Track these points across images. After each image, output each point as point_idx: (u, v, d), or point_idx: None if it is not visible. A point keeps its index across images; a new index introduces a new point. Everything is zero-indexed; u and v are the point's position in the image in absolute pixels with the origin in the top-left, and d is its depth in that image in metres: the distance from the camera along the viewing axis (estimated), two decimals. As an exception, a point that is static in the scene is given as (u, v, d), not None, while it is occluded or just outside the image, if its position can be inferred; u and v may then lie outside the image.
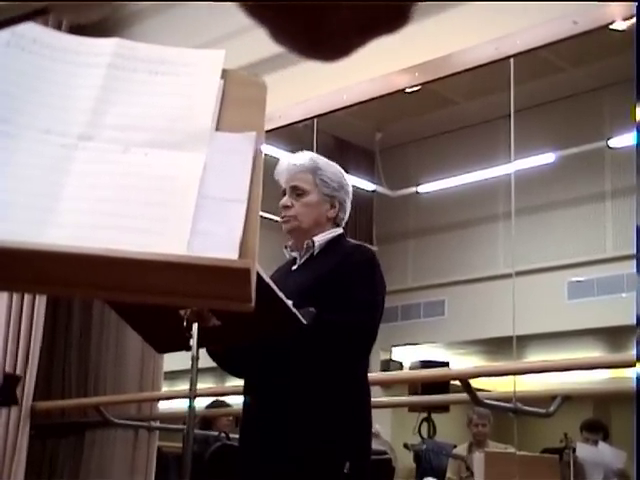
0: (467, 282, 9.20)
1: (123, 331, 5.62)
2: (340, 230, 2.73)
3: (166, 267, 0.81)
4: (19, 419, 5.26)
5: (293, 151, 2.88)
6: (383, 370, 8.97)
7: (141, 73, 1.01)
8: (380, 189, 9.41)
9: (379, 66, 4.48)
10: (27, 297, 5.29)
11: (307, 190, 2.68)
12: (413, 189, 9.48)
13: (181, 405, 5.25)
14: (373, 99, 4.58)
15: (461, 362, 9.55)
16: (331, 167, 2.76)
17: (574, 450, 5.92)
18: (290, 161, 2.74)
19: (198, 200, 0.88)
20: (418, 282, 9.60)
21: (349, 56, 0.60)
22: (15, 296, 5.28)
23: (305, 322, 2.28)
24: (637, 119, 2.52)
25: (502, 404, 3.92)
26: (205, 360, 2.48)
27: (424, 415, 7.94)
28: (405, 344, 9.40)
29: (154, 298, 0.85)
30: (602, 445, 6.39)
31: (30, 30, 1.00)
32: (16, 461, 5.21)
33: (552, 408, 3.87)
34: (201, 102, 0.99)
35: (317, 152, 2.89)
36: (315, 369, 2.47)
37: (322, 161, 2.75)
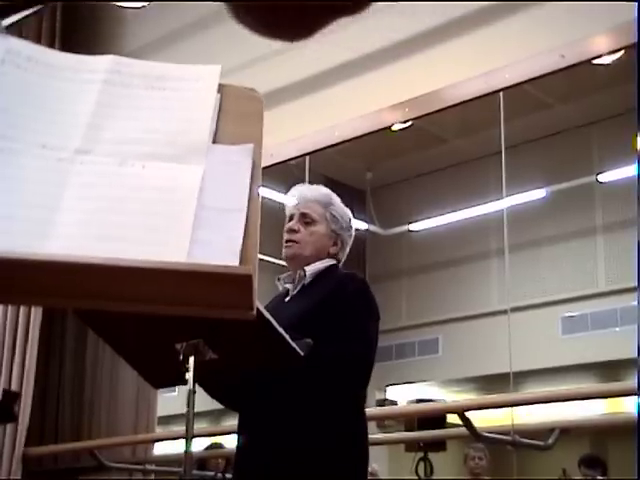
0: (461, 319, 9.19)
1: (116, 373, 5.58)
2: (333, 261, 2.70)
3: (166, 275, 0.81)
4: (10, 467, 5.18)
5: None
6: (378, 419, 8.91)
7: (137, 89, 1.01)
8: (372, 228, 9.43)
9: (369, 103, 4.51)
10: (19, 338, 5.25)
11: (316, 220, 2.65)
12: (405, 227, 9.50)
13: (175, 450, 5.20)
14: (364, 135, 4.60)
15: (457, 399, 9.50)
16: (342, 207, 2.74)
17: (573, 486, 5.88)
18: (305, 189, 2.74)
19: (197, 210, 0.87)
20: (412, 320, 9.59)
21: (311, 37, 0.60)
22: (8, 337, 5.24)
23: (302, 354, 2.26)
24: (638, 149, 2.52)
25: (500, 437, 3.89)
26: (200, 403, 2.45)
27: (421, 455, 7.88)
28: (400, 383, 9.36)
29: (155, 308, 0.84)
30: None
31: (25, 48, 1.00)
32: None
33: (550, 441, 3.84)
34: (198, 116, 0.99)
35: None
36: (312, 402, 2.44)
37: (335, 199, 2.73)
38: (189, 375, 2.27)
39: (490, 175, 8.05)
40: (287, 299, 2.67)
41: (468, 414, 3.69)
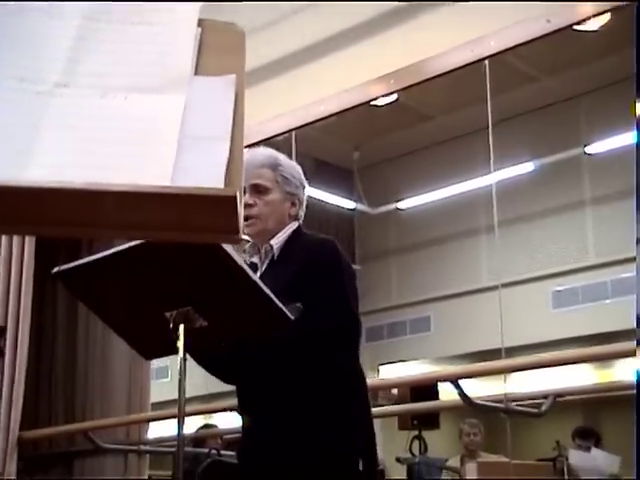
0: (452, 297, 9.18)
1: (109, 353, 5.57)
2: (295, 224, 2.63)
3: (149, 198, 0.79)
4: (6, 451, 5.16)
5: None
6: (372, 391, 8.90)
7: (117, 24, 1.00)
8: (360, 207, 9.41)
9: (354, 76, 4.49)
10: (10, 320, 5.23)
11: (269, 188, 2.58)
12: (393, 205, 9.48)
13: (169, 433, 5.19)
14: (351, 109, 4.58)
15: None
16: (291, 164, 2.68)
17: (567, 458, 5.90)
18: (249, 158, 2.60)
19: (180, 140, 0.86)
20: (403, 299, 9.58)
21: None
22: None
23: (292, 317, 2.25)
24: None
25: (493, 404, 3.89)
26: (192, 388, 2.43)
27: (415, 433, 7.90)
28: (393, 362, 9.35)
29: (139, 233, 0.82)
30: (595, 451, 6.37)
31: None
32: (4, 495, 5.12)
33: (544, 408, 3.84)
34: (179, 48, 0.97)
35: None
36: (310, 369, 2.43)
37: (281, 156, 2.67)
38: (180, 343, 2.26)
39: (477, 151, 8.02)
40: (258, 274, 2.56)
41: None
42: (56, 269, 2.30)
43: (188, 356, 2.34)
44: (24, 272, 5.31)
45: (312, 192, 2.81)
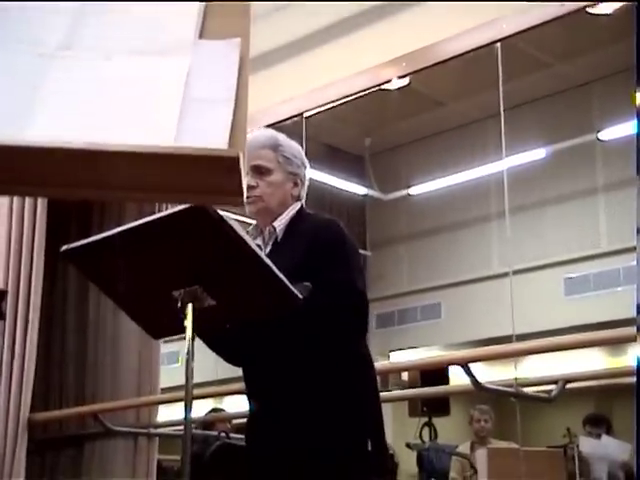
0: (462, 283, 9.16)
1: (119, 336, 5.58)
2: (298, 204, 2.62)
3: (152, 159, 0.78)
4: (16, 432, 5.19)
5: None
6: (382, 379, 8.91)
7: (120, -11, 0.98)
8: (372, 193, 9.40)
9: (366, 59, 4.47)
10: (21, 303, 5.25)
11: (271, 169, 2.57)
12: (405, 192, 9.46)
13: (179, 417, 5.19)
14: (362, 92, 4.56)
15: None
16: (291, 143, 2.65)
17: (578, 445, 5.89)
18: (250, 140, 2.58)
19: (183, 101, 0.85)
20: (413, 286, 9.56)
21: None
22: (10, 303, 5.23)
23: (301, 296, 2.24)
24: (638, 104, 2.48)
25: (503, 388, 3.87)
26: (200, 374, 2.41)
27: (425, 420, 7.90)
28: (403, 348, 9.34)
29: (140, 195, 0.81)
30: (605, 438, 6.35)
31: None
32: (14, 476, 5.14)
33: (554, 393, 3.82)
34: (183, 10, 0.96)
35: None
36: (314, 346, 2.42)
37: (282, 137, 2.65)
38: (187, 322, 2.25)
39: (489, 137, 8.00)
40: None
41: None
42: (65, 247, 2.30)
43: (197, 340, 2.32)
44: (35, 253, 5.32)
45: (323, 178, 2.79)
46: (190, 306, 2.25)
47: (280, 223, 2.56)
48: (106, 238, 2.23)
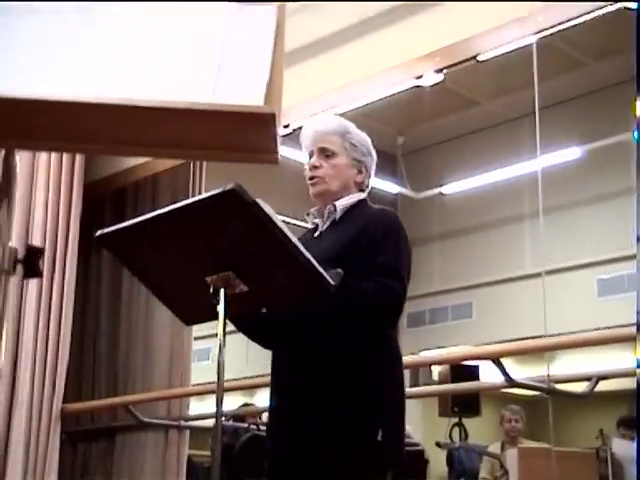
0: (494, 283, 9.13)
1: (151, 329, 5.61)
2: (363, 195, 2.67)
3: (188, 115, 0.78)
4: (50, 423, 5.24)
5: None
6: (413, 377, 8.90)
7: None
8: (404, 191, 9.38)
9: (400, 54, 4.46)
10: (55, 295, 5.30)
11: (336, 152, 2.63)
12: (437, 190, 9.43)
13: (209, 411, 5.20)
14: (396, 87, 4.55)
15: (492, 366, 9.45)
16: (359, 132, 2.70)
17: (611, 447, 5.84)
18: (318, 122, 2.69)
19: (221, 60, 0.85)
20: (445, 285, 9.54)
21: None
22: (44, 295, 5.28)
23: (333, 283, 2.24)
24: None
25: (536, 384, 3.85)
26: (230, 372, 2.42)
27: (455, 420, 7.87)
28: (434, 348, 9.32)
29: (177, 152, 0.82)
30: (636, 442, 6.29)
31: None
32: (48, 466, 5.19)
33: (587, 389, 3.79)
34: (221, -24, 0.97)
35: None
36: (344, 334, 2.42)
37: (351, 125, 2.70)
38: (220, 308, 2.26)
39: (523, 136, 7.95)
40: (316, 234, 2.65)
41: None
42: (99, 232, 2.31)
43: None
44: (69, 246, 5.37)
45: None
46: (222, 292, 2.26)
47: (341, 203, 2.61)
48: (140, 223, 2.25)
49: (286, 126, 4.96)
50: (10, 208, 0.97)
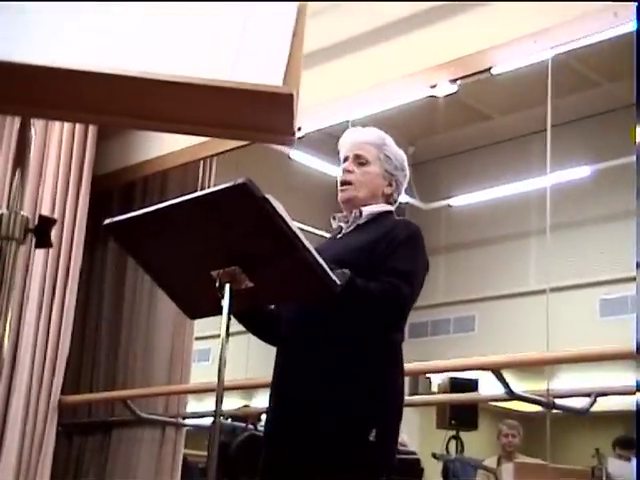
0: (497, 298, 9.12)
1: (153, 325, 5.62)
2: (390, 207, 2.74)
3: (206, 91, 0.79)
4: (47, 413, 5.23)
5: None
6: (412, 387, 8.89)
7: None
8: (412, 201, 9.39)
9: (414, 63, 4.46)
10: (59, 286, 5.31)
11: (370, 161, 2.69)
12: (445, 202, 9.44)
13: (207, 410, 5.20)
14: (409, 96, 4.56)
15: (491, 380, 9.44)
16: (396, 148, 2.77)
17: (607, 467, 5.82)
18: (359, 131, 2.77)
19: (241, 39, 0.86)
20: (449, 297, 9.53)
21: None
22: (47, 288, 5.29)
23: (339, 283, 2.24)
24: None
25: (536, 397, 3.84)
26: (230, 375, 2.43)
27: (452, 433, 7.86)
28: (434, 359, 9.30)
29: (191, 128, 0.82)
30: (636, 461, 6.27)
31: None
32: (42, 457, 5.18)
33: (585, 406, 3.79)
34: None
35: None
36: (349, 335, 2.43)
37: (389, 139, 2.76)
38: (224, 303, 2.26)
39: (534, 153, 7.97)
40: (339, 236, 2.70)
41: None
42: (107, 221, 2.32)
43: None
44: (75, 237, 5.38)
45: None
46: (228, 286, 2.26)
47: (367, 210, 2.67)
48: (149, 213, 2.25)
49: (298, 129, 4.98)
50: (23, 176, 0.98)
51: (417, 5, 4.42)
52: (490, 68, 4.18)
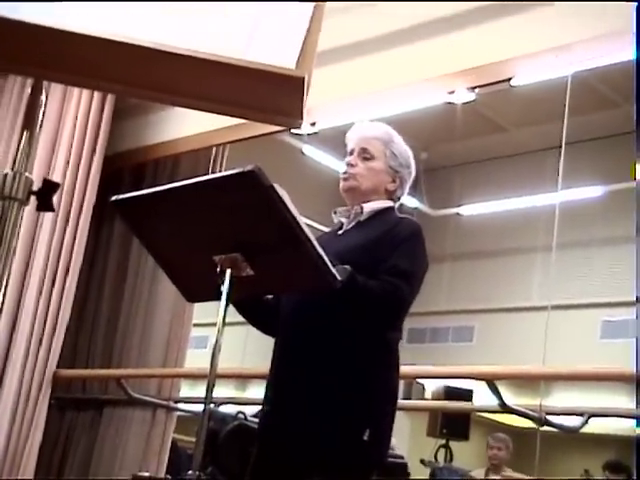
0: (499, 311, 9.11)
1: (153, 307, 5.63)
2: (391, 203, 2.72)
3: (219, 68, 0.80)
4: (41, 385, 5.25)
5: (341, 158, 2.88)
6: (406, 392, 8.89)
7: None
8: (421, 207, 9.38)
9: (434, 68, 4.45)
10: (63, 261, 5.32)
11: (375, 156, 2.69)
12: (454, 210, 9.43)
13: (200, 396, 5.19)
14: (427, 100, 4.56)
15: (485, 392, 9.43)
16: (403, 145, 2.76)
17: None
18: (367, 126, 2.76)
19: (257, 21, 0.86)
20: (450, 305, 9.53)
21: None
22: (51, 260, 5.31)
23: (340, 278, 2.25)
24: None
25: (528, 411, 3.84)
26: (226, 364, 2.43)
27: (442, 442, 7.85)
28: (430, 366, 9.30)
29: (202, 104, 0.83)
30: (632, 485, 6.28)
31: None
32: (34, 428, 5.20)
33: (577, 425, 3.79)
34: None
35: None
36: (346, 332, 2.44)
37: (396, 137, 2.75)
38: (224, 288, 2.27)
39: (546, 169, 7.95)
40: (340, 232, 2.69)
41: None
42: (115, 197, 2.33)
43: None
44: (83, 212, 5.40)
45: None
46: (228, 272, 2.26)
47: (368, 206, 2.66)
48: (157, 193, 2.26)
49: (313, 124, 4.98)
50: (31, 139, 0.99)
51: (441, 10, 4.42)
52: (510, 79, 4.18)
